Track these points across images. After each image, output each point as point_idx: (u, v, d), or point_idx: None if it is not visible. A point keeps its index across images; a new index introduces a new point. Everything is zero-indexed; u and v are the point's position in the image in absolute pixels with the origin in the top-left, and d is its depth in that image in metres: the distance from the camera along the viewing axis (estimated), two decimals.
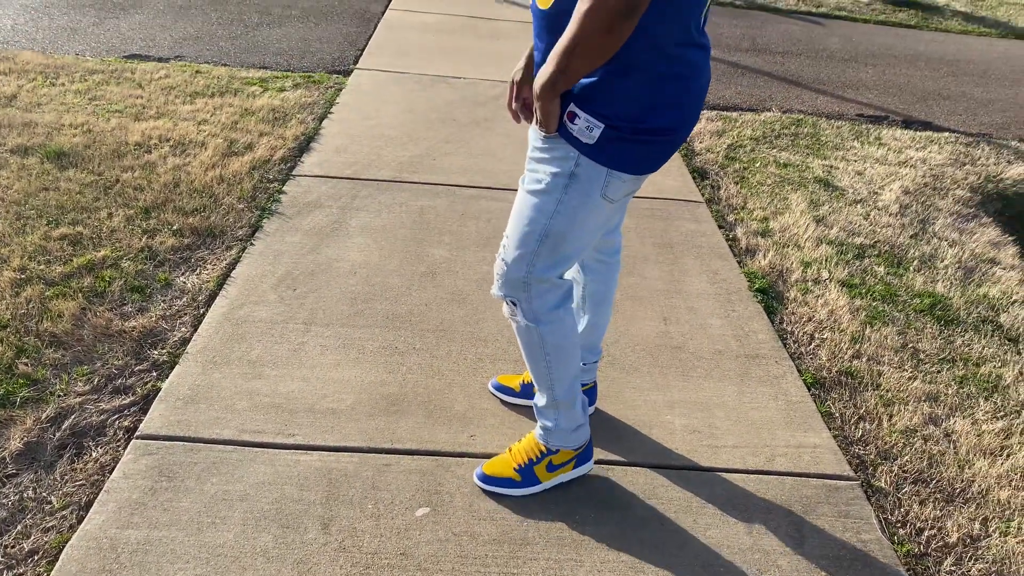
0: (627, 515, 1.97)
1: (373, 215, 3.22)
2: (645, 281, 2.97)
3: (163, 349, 2.38)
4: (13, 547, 1.76)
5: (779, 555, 1.91)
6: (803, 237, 3.40)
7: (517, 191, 1.74)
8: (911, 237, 3.55)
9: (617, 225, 1.94)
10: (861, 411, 2.44)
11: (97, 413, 2.14)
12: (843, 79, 5.96)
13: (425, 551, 1.82)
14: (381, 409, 2.22)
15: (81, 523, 1.81)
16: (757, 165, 4.14)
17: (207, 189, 3.27)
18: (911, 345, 2.78)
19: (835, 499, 2.09)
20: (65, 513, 1.85)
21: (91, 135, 3.62)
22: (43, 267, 2.67)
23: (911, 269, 3.28)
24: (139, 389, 2.23)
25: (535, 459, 1.97)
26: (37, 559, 1.74)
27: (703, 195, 3.73)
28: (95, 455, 2.01)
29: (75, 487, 1.92)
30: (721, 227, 3.45)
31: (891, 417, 2.43)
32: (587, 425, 1.97)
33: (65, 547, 1.75)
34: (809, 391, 2.48)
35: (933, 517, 2.10)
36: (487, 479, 1.99)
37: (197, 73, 4.56)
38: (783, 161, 4.22)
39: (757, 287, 2.99)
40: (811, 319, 2.86)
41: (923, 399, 2.52)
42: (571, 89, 1.50)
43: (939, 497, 2.17)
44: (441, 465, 2.06)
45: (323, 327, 2.52)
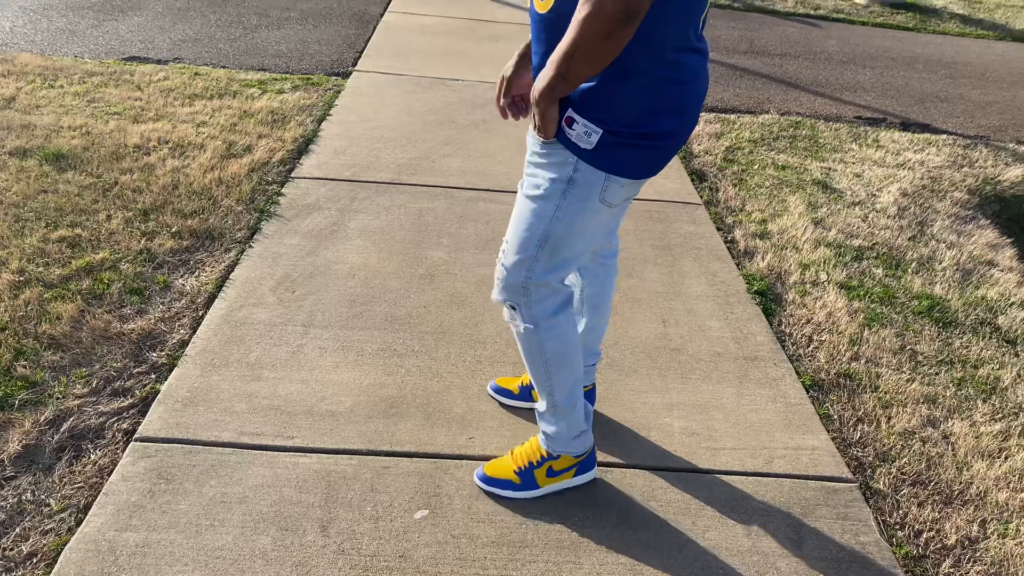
0: (626, 517, 1.97)
1: (372, 217, 3.22)
2: (644, 283, 2.97)
3: (162, 351, 2.38)
4: (11, 550, 1.76)
5: (778, 557, 1.91)
6: (801, 239, 3.41)
7: (516, 194, 1.74)
8: (909, 239, 3.55)
9: (615, 228, 1.95)
10: (859, 413, 2.44)
11: (96, 415, 2.13)
12: (841, 81, 5.97)
13: (424, 553, 1.82)
14: (380, 411, 2.22)
15: (79, 526, 1.81)
16: (755, 167, 4.15)
17: (206, 191, 3.27)
18: (909, 347, 2.79)
19: (834, 501, 2.09)
20: (63, 516, 1.85)
21: (90, 137, 3.62)
22: (42, 269, 2.67)
23: (909, 271, 3.28)
24: (138, 391, 2.23)
25: (536, 463, 1.97)
26: (35, 562, 1.74)
27: (701, 197, 3.73)
28: (93, 457, 2.01)
29: (73, 489, 1.92)
30: (720, 229, 3.45)
31: (889, 419, 2.43)
32: (589, 433, 1.96)
33: (63, 550, 1.75)
34: (807, 393, 2.48)
35: (931, 519, 2.10)
36: (487, 480, 1.99)
37: (196, 75, 4.56)
38: (781, 163, 4.23)
39: (756, 289, 2.99)
40: (809, 321, 2.86)
41: (921, 401, 2.52)
42: (569, 94, 1.50)
43: (937, 499, 2.17)
44: (440, 467, 2.06)
45: (322, 329, 2.53)
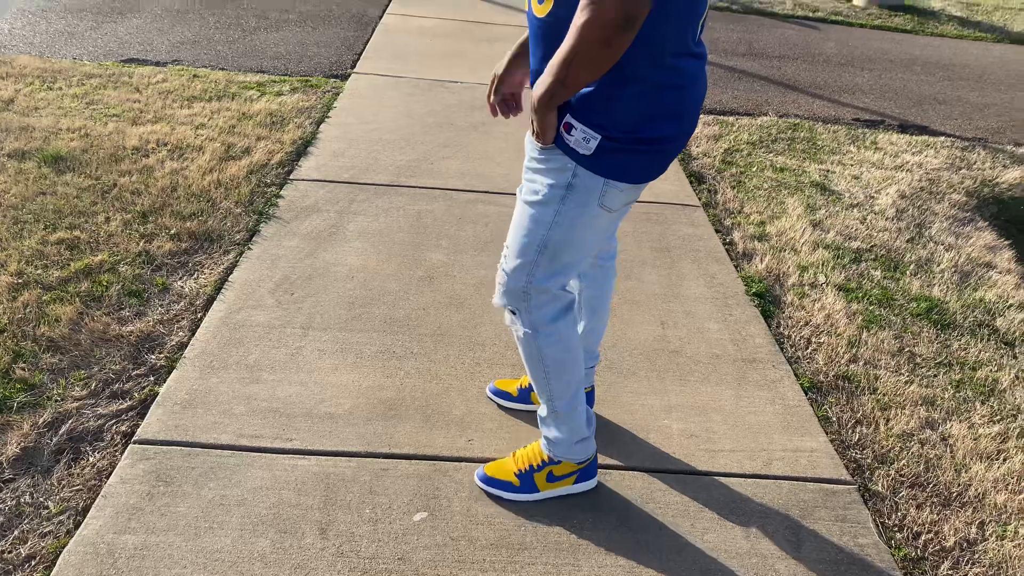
0: (624, 519, 1.98)
1: (371, 219, 3.22)
2: (642, 285, 2.97)
3: (160, 354, 2.38)
4: (10, 552, 1.76)
5: (776, 559, 1.91)
6: (800, 241, 3.41)
7: (515, 197, 1.74)
8: (907, 241, 3.56)
9: (614, 231, 1.95)
10: (858, 415, 2.45)
11: (94, 418, 2.13)
12: (839, 83, 5.98)
13: (423, 556, 1.82)
14: (379, 414, 2.22)
15: (78, 528, 1.81)
16: (754, 169, 4.15)
17: (204, 193, 3.27)
18: (908, 349, 2.79)
19: (832, 503, 2.09)
20: (62, 518, 1.85)
21: (88, 139, 3.62)
22: (40, 271, 2.67)
23: (907, 273, 3.29)
24: (136, 394, 2.23)
25: (536, 466, 1.96)
26: (34, 564, 1.74)
27: (700, 199, 3.73)
28: (92, 460, 2.01)
29: (72, 492, 1.92)
30: (718, 231, 3.46)
31: (888, 421, 2.43)
32: (592, 440, 1.96)
33: (62, 552, 1.75)
34: (806, 395, 2.49)
35: (930, 521, 2.10)
36: (487, 480, 1.99)
37: (195, 77, 4.56)
38: (780, 165, 4.23)
39: (754, 291, 3.00)
40: (808, 323, 2.86)
41: (920, 403, 2.52)
42: (568, 100, 1.50)
43: (936, 501, 2.17)
44: (439, 470, 2.06)
45: (321, 331, 2.52)
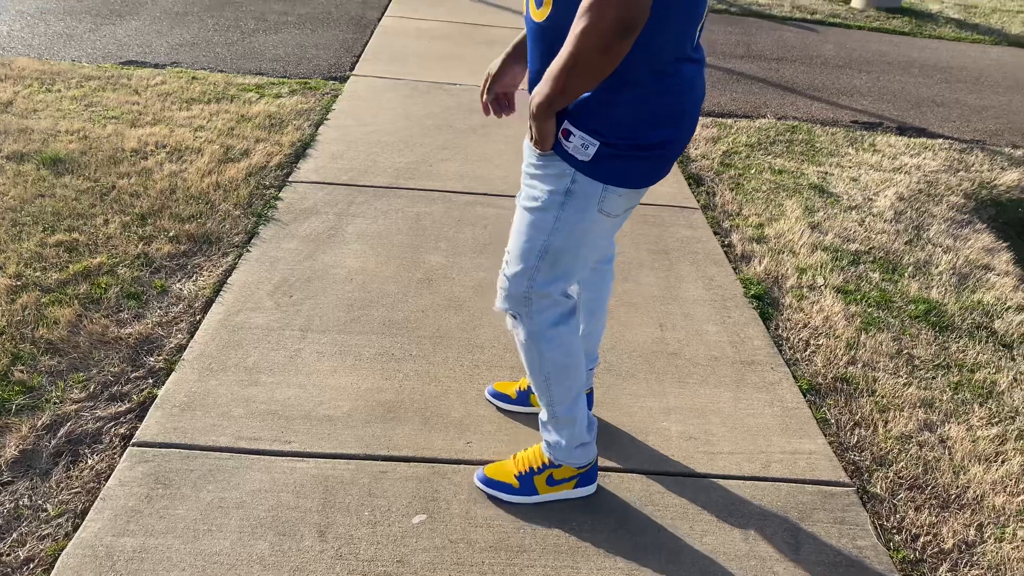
0: (623, 522, 1.98)
1: (369, 221, 3.23)
2: (641, 287, 2.98)
3: (159, 356, 2.38)
4: (8, 555, 1.76)
5: (775, 561, 1.92)
6: (798, 243, 3.42)
7: (515, 199, 1.74)
8: (906, 243, 3.56)
9: (614, 234, 1.95)
10: (856, 417, 2.45)
11: (93, 420, 2.13)
12: (837, 86, 5.99)
13: (422, 558, 1.82)
14: (378, 416, 2.22)
15: (77, 531, 1.81)
16: (752, 171, 4.16)
17: (203, 195, 3.27)
18: (906, 351, 2.79)
19: (831, 505, 2.09)
20: (61, 521, 1.85)
21: (87, 141, 3.62)
22: (39, 274, 2.67)
23: (906, 275, 3.29)
24: (135, 396, 2.23)
25: (536, 469, 1.96)
26: (32, 567, 1.74)
27: (698, 201, 3.74)
28: (91, 462, 2.01)
29: (71, 495, 1.92)
30: (716, 233, 3.46)
31: (886, 423, 2.44)
32: (593, 445, 1.95)
33: (60, 555, 1.75)
34: (804, 397, 2.49)
35: (928, 523, 2.11)
36: (487, 481, 1.99)
37: (193, 79, 4.56)
38: (778, 167, 4.24)
39: (752, 293, 3.00)
40: (806, 325, 2.87)
41: (918, 405, 2.53)
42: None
43: (934, 503, 2.18)
44: (437, 472, 2.06)
45: (319, 334, 2.53)
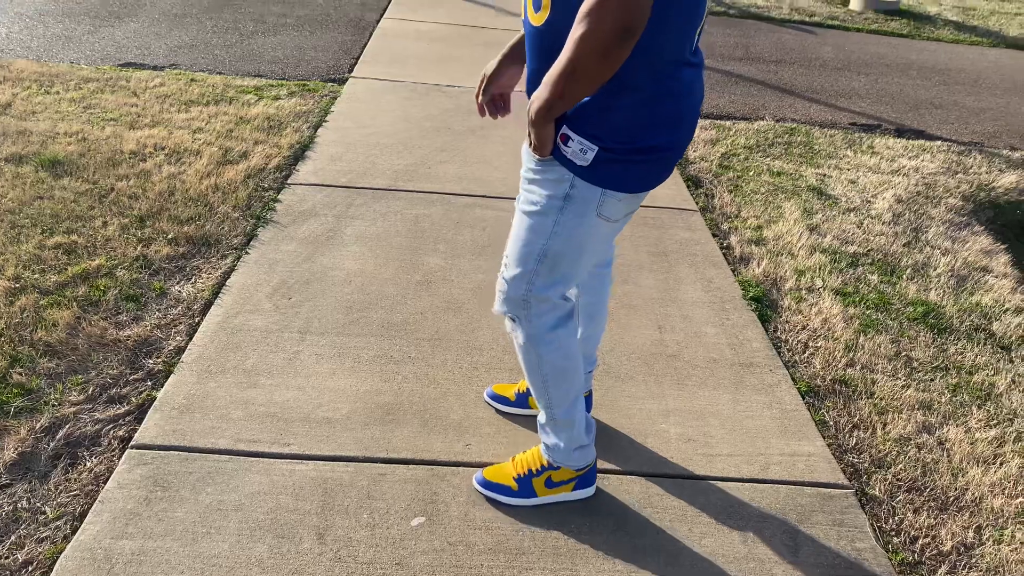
0: (622, 524, 1.98)
1: (368, 223, 3.23)
2: (640, 289, 2.98)
3: (158, 358, 2.38)
4: (7, 558, 1.76)
5: (774, 564, 1.92)
6: (797, 245, 3.42)
7: (513, 200, 1.74)
8: (904, 245, 3.57)
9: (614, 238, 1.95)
10: (855, 419, 2.45)
11: (91, 423, 2.13)
12: (836, 88, 5.99)
13: (421, 561, 1.82)
14: (376, 418, 2.22)
15: (75, 533, 1.81)
16: (751, 174, 4.16)
17: (202, 198, 3.27)
18: (904, 353, 2.80)
19: (829, 507, 2.10)
20: (59, 523, 1.85)
21: (86, 143, 3.61)
22: (37, 276, 2.67)
23: (904, 277, 3.29)
24: (134, 398, 2.22)
25: (535, 471, 1.96)
26: (31, 570, 1.73)
27: (697, 204, 3.74)
28: (89, 465, 2.00)
29: (69, 497, 1.92)
30: (715, 235, 3.46)
31: (885, 425, 2.44)
32: (592, 447, 1.95)
33: (59, 558, 1.75)
34: (803, 399, 2.49)
35: (927, 525, 2.11)
36: (485, 483, 2.00)
37: (192, 81, 4.57)
38: (776, 170, 4.24)
39: (751, 295, 3.00)
40: (805, 327, 2.87)
41: (916, 407, 2.53)
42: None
43: (933, 505, 2.18)
44: (436, 474, 2.06)
45: (318, 336, 2.52)
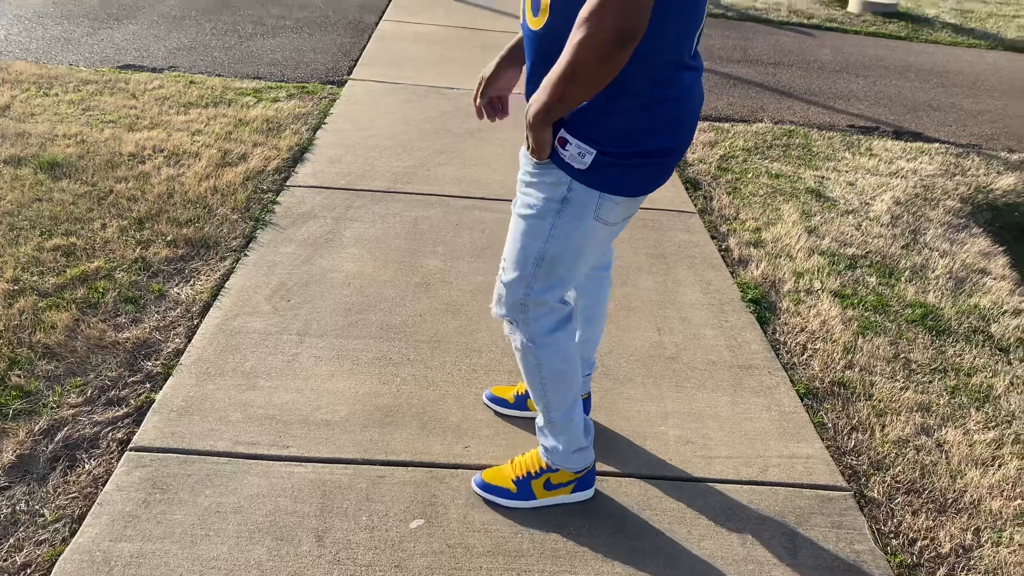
0: (621, 526, 1.98)
1: (367, 226, 3.23)
2: (638, 291, 2.98)
3: (157, 360, 2.38)
4: (5, 560, 1.75)
5: (772, 566, 1.92)
6: (795, 248, 3.42)
7: (511, 203, 1.74)
8: (902, 247, 3.57)
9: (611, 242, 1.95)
10: (854, 421, 2.45)
11: (90, 425, 2.13)
12: (834, 90, 6.00)
13: (420, 563, 1.82)
14: (375, 420, 2.22)
15: (74, 536, 1.80)
16: (749, 176, 4.17)
17: (201, 200, 3.27)
18: (903, 355, 2.80)
19: (828, 509, 2.10)
20: (58, 526, 1.84)
21: (84, 145, 3.61)
22: (36, 278, 2.67)
23: (903, 279, 3.30)
24: (132, 401, 2.22)
25: (534, 474, 1.96)
26: (29, 573, 1.73)
27: (696, 206, 3.75)
28: (88, 467, 2.00)
29: (68, 500, 1.91)
30: (714, 238, 3.47)
31: (883, 427, 2.44)
32: (590, 449, 1.95)
33: (58, 560, 1.74)
34: (802, 401, 2.49)
35: (926, 527, 2.11)
36: (484, 486, 1.99)
37: (191, 83, 4.57)
38: (775, 172, 4.25)
39: (750, 297, 3.01)
40: (804, 329, 2.87)
41: (915, 409, 2.53)
42: None
43: (931, 507, 2.18)
44: (435, 477, 2.06)
45: (317, 338, 2.52)
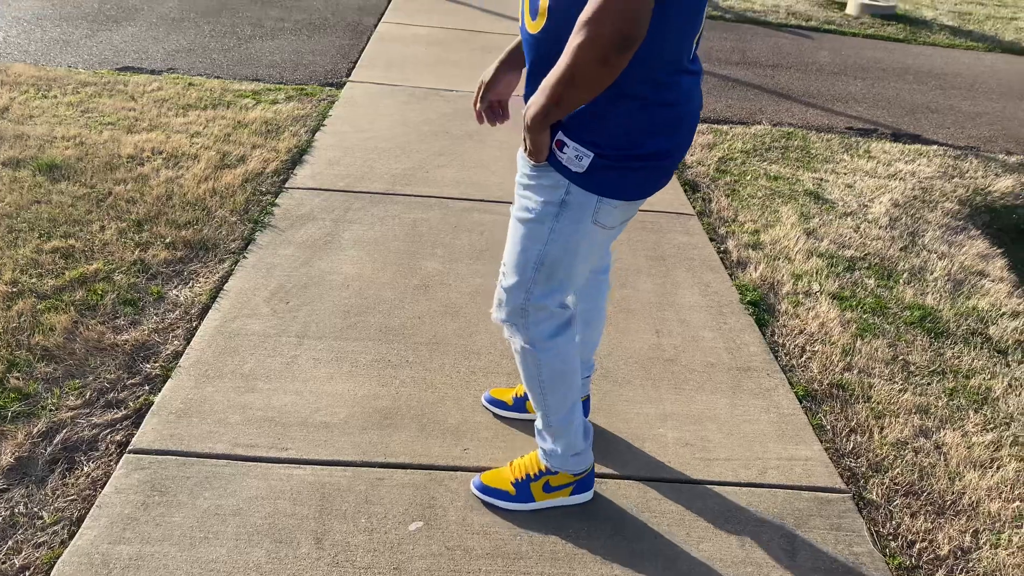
0: (620, 528, 1.98)
1: (366, 228, 3.23)
2: (637, 293, 2.98)
3: (155, 363, 2.38)
4: (4, 563, 1.75)
5: (771, 568, 1.92)
6: (794, 250, 3.43)
7: (510, 206, 1.74)
8: (901, 250, 3.58)
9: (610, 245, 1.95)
10: (852, 423, 2.45)
11: (89, 427, 2.13)
12: (832, 92, 6.01)
13: (418, 565, 1.82)
14: (374, 423, 2.22)
15: (73, 538, 1.80)
16: (748, 178, 4.17)
17: (200, 202, 3.27)
18: (901, 357, 2.80)
19: (827, 512, 2.10)
20: (57, 528, 1.84)
21: (83, 147, 3.61)
22: (35, 280, 2.67)
23: (901, 282, 3.30)
24: (131, 403, 2.22)
25: (533, 476, 1.97)
26: (28, 575, 1.73)
27: (694, 208, 3.75)
28: (87, 470, 2.00)
29: (67, 502, 1.91)
30: (712, 240, 3.47)
31: (882, 429, 2.44)
32: (589, 452, 1.96)
33: (56, 563, 1.74)
34: (800, 404, 2.49)
35: (924, 529, 2.11)
36: (483, 488, 2.00)
37: (190, 85, 4.57)
38: (773, 174, 4.25)
39: (748, 299, 3.01)
40: (802, 331, 2.88)
41: (913, 411, 2.54)
42: None
43: (930, 509, 2.18)
44: (434, 479, 2.06)
45: (316, 340, 2.53)
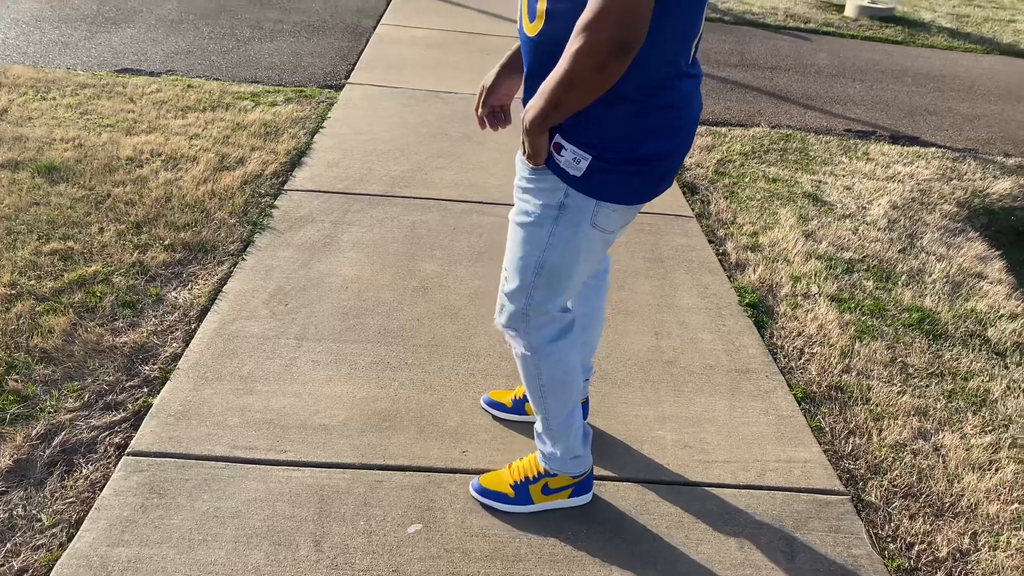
0: (619, 531, 1.98)
1: (365, 230, 3.23)
2: (636, 296, 2.98)
3: (154, 365, 2.38)
4: (3, 565, 1.75)
5: (770, 570, 1.92)
6: (792, 252, 3.43)
7: (509, 207, 1.74)
8: (899, 252, 3.58)
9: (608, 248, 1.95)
10: (851, 426, 2.46)
11: (88, 429, 2.13)
12: (831, 94, 6.02)
13: (417, 568, 1.82)
14: (373, 425, 2.22)
15: (71, 541, 1.80)
16: (746, 180, 4.17)
17: (199, 204, 3.27)
18: (900, 359, 2.80)
19: (826, 514, 2.10)
20: (55, 531, 1.84)
21: (82, 149, 3.61)
22: (34, 282, 2.67)
23: (899, 284, 3.31)
24: (130, 405, 2.22)
25: (532, 478, 1.97)
26: None
27: (693, 210, 3.75)
28: (85, 472, 2.00)
29: (65, 504, 1.91)
30: (711, 242, 3.47)
31: (881, 431, 2.44)
32: (588, 455, 1.96)
33: (55, 565, 1.74)
34: (799, 406, 2.50)
35: (923, 531, 2.11)
36: (482, 491, 1.99)
37: (189, 87, 4.57)
38: (772, 176, 4.26)
39: (747, 302, 3.01)
40: (801, 334, 2.88)
41: (912, 413, 2.54)
42: None
43: (929, 511, 2.18)
44: (433, 481, 2.06)
45: (315, 342, 2.52)
